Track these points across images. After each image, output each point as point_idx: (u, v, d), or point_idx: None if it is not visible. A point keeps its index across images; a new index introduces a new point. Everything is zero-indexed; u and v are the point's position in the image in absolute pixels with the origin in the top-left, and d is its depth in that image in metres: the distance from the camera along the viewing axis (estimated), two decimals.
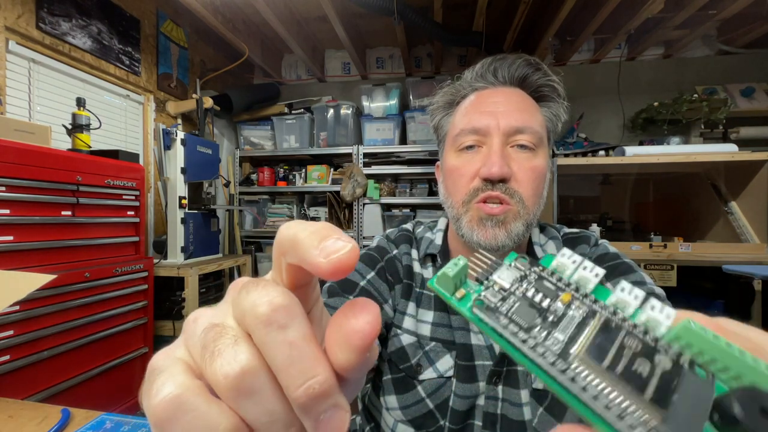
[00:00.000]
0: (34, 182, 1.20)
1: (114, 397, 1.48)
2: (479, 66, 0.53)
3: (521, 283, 0.15)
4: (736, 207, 1.88)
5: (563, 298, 0.14)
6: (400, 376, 0.53)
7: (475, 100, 0.52)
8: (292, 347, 0.14)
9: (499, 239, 0.46)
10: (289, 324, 0.14)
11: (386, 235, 0.62)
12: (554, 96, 0.53)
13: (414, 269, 0.57)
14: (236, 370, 0.14)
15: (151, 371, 0.15)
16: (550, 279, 0.15)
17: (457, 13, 2.36)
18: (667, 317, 0.13)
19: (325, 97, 2.84)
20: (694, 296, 1.86)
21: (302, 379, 0.14)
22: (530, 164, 0.48)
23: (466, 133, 0.50)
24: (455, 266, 0.14)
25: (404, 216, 2.58)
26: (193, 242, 1.93)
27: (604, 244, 0.56)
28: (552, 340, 0.13)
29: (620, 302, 0.14)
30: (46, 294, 1.21)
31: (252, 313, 0.15)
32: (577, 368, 0.12)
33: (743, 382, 0.12)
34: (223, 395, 0.14)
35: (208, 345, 0.15)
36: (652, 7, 1.93)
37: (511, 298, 0.15)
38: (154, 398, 0.14)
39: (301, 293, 0.17)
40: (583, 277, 0.15)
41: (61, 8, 1.63)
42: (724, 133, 2.33)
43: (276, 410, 0.14)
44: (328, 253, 0.14)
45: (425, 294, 0.56)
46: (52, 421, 0.49)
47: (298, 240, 0.15)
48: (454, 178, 0.51)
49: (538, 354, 0.13)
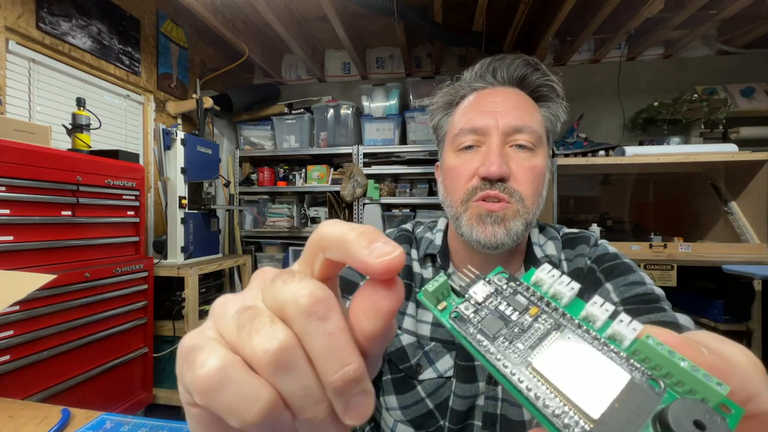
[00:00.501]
0: (34, 182, 1.20)
1: (114, 397, 1.49)
2: (478, 66, 0.53)
3: (495, 297, 0.17)
4: (736, 207, 1.88)
5: (531, 311, 0.16)
6: (400, 376, 0.53)
7: (474, 100, 0.52)
8: (331, 337, 0.15)
9: (498, 237, 0.46)
10: (328, 315, 0.15)
11: (386, 235, 0.62)
12: (553, 96, 0.53)
13: (414, 269, 0.57)
14: (275, 346, 0.15)
15: (188, 349, 0.16)
16: (525, 294, 0.17)
17: (457, 13, 2.36)
18: (632, 331, 0.14)
19: (325, 97, 2.84)
20: (694, 296, 1.86)
21: (338, 366, 0.15)
22: (529, 164, 0.48)
23: (465, 133, 0.50)
24: (436, 282, 0.16)
25: (404, 216, 2.58)
26: (193, 242, 1.93)
27: (603, 244, 0.56)
28: (512, 350, 0.15)
29: (590, 316, 0.15)
30: (46, 294, 1.21)
31: (294, 303, 0.16)
32: (528, 374, 0.14)
33: (697, 397, 0.12)
34: (262, 369, 0.15)
35: (245, 324, 0.16)
36: (652, 7, 1.93)
37: (484, 311, 0.16)
38: (200, 369, 0.15)
39: (330, 285, 0.18)
40: (558, 291, 0.16)
41: (61, 8, 1.63)
42: (724, 133, 2.33)
43: (310, 385, 0.15)
44: (379, 254, 0.16)
45: None
46: (52, 421, 0.49)
47: (347, 240, 0.16)
48: (453, 177, 0.51)
49: (497, 360, 0.14)
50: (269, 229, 2.72)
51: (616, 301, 0.46)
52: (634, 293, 0.46)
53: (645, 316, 0.42)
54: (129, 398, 1.55)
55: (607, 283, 0.49)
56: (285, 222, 2.70)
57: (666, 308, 0.44)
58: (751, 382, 0.13)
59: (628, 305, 0.45)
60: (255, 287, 0.18)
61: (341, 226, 0.17)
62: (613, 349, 0.14)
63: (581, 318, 0.15)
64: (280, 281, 0.17)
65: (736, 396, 0.13)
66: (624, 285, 0.48)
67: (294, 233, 2.70)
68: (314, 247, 0.18)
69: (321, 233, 0.18)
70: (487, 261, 0.53)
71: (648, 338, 0.13)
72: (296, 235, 2.72)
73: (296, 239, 2.75)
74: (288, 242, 2.75)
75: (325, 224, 0.18)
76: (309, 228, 2.77)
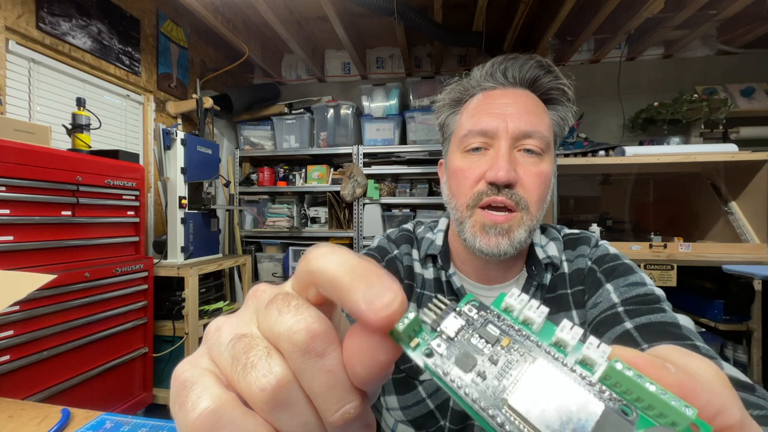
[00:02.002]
0: (34, 182, 1.20)
1: (114, 397, 1.49)
2: (489, 65, 0.52)
3: (467, 330, 0.16)
4: (736, 207, 1.88)
5: (503, 342, 0.16)
6: (401, 376, 0.53)
7: (483, 100, 0.51)
8: (329, 375, 0.14)
9: (501, 247, 0.46)
10: (326, 352, 0.14)
11: (387, 235, 0.62)
12: (563, 99, 0.52)
13: (415, 270, 0.57)
14: (272, 384, 0.14)
15: (181, 384, 0.15)
16: (496, 323, 0.16)
17: (457, 13, 2.36)
18: (602, 354, 0.14)
19: (325, 97, 2.84)
20: (694, 296, 1.86)
21: (339, 405, 0.14)
22: (537, 169, 0.47)
23: (473, 135, 0.49)
24: (406, 320, 0.15)
25: (404, 216, 2.58)
26: (193, 242, 1.93)
27: (604, 244, 0.56)
28: (486, 386, 0.15)
29: (560, 341, 0.15)
30: (46, 294, 1.21)
31: (289, 339, 0.14)
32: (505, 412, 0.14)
33: (668, 421, 0.13)
34: (259, 408, 0.14)
35: (239, 357, 0.15)
36: (652, 7, 1.93)
37: (456, 345, 0.16)
38: (192, 412, 0.14)
39: (327, 308, 0.17)
40: (528, 317, 0.16)
41: (61, 8, 1.63)
42: (724, 133, 2.33)
43: (310, 422, 0.15)
44: (378, 308, 0.14)
45: (426, 294, 0.55)
46: (52, 421, 0.49)
47: (341, 284, 0.15)
48: (459, 179, 0.50)
49: (473, 402, 0.14)
50: (269, 229, 2.72)
51: (617, 302, 0.46)
52: (634, 294, 0.46)
53: (645, 316, 0.42)
54: (129, 398, 1.55)
55: (607, 283, 0.49)
56: (285, 222, 2.70)
57: (666, 309, 0.44)
58: (718, 397, 0.13)
59: (628, 305, 0.45)
60: (250, 310, 0.17)
61: (333, 262, 0.15)
62: (585, 376, 0.14)
63: (552, 343, 0.15)
64: (275, 310, 0.15)
65: (704, 412, 0.13)
66: (624, 286, 0.48)
67: (294, 233, 2.70)
68: (305, 279, 0.16)
69: (311, 268, 0.16)
70: (488, 264, 0.52)
71: (616, 362, 0.13)
72: (296, 235, 2.72)
73: (296, 239, 2.75)
74: (288, 242, 2.75)
75: (316, 255, 0.16)
76: (309, 228, 2.77)
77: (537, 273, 0.52)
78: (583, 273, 0.52)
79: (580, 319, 0.50)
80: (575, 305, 0.51)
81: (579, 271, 0.53)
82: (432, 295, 0.55)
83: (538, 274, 0.52)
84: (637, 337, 0.40)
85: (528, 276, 0.53)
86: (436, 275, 0.56)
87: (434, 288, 0.55)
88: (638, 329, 0.41)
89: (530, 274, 0.53)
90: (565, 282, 0.52)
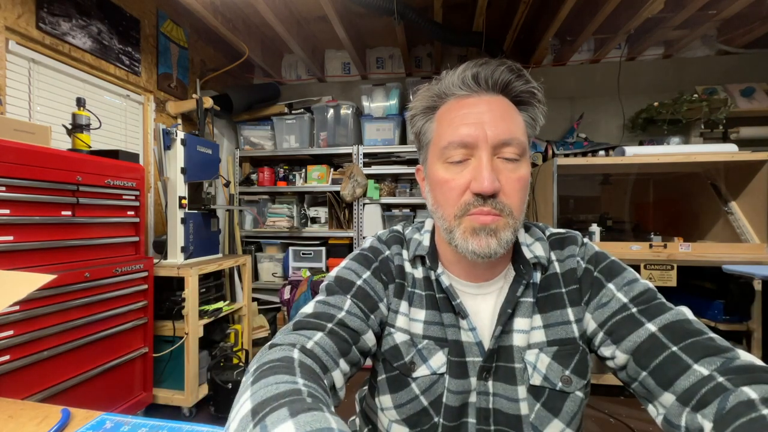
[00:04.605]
0: (34, 182, 1.20)
1: (114, 397, 1.49)
2: (461, 70, 0.52)
3: None
4: (736, 207, 1.88)
5: None
6: (394, 374, 0.54)
7: (459, 108, 0.51)
8: None
9: (491, 247, 0.48)
10: None
11: (378, 237, 0.64)
12: (534, 101, 0.53)
13: (405, 269, 0.59)
14: None
15: None
16: None
17: (457, 13, 2.36)
18: None
19: (325, 97, 2.84)
20: (694, 296, 1.86)
21: None
22: (516, 175, 0.49)
23: (454, 147, 0.50)
24: None
25: (404, 216, 2.58)
26: (193, 242, 1.93)
27: (589, 243, 0.58)
28: None
29: None
30: (46, 294, 1.21)
31: None
32: None
33: None
34: None
35: None
36: (652, 7, 1.93)
37: None
38: None
39: None
40: None
41: (61, 8, 1.63)
42: (724, 133, 2.33)
43: None
44: None
45: (417, 293, 0.57)
46: (52, 421, 0.49)
47: None
48: (444, 190, 0.51)
49: None
50: (269, 229, 2.72)
51: (626, 301, 0.48)
52: (637, 292, 0.49)
53: (658, 318, 0.45)
54: (129, 398, 1.55)
55: (609, 283, 0.51)
56: (285, 222, 2.70)
57: (665, 302, 0.47)
58: None
59: (637, 306, 0.47)
60: None
61: None
62: None
63: None
64: None
65: None
66: (625, 284, 0.50)
67: (294, 233, 2.70)
68: None
69: None
70: (476, 264, 0.53)
71: None
72: (296, 235, 2.72)
73: (296, 239, 2.75)
74: (288, 242, 2.75)
75: None
76: (309, 228, 2.77)
77: (525, 272, 0.54)
78: (576, 273, 0.54)
79: (576, 316, 0.52)
80: (570, 303, 0.53)
81: (572, 271, 0.54)
82: (422, 294, 0.56)
83: (526, 272, 0.54)
84: (665, 341, 0.43)
85: (516, 275, 0.54)
86: (426, 274, 0.58)
87: (424, 287, 0.57)
88: (662, 331, 0.44)
89: (518, 272, 0.54)
90: (558, 281, 0.54)
